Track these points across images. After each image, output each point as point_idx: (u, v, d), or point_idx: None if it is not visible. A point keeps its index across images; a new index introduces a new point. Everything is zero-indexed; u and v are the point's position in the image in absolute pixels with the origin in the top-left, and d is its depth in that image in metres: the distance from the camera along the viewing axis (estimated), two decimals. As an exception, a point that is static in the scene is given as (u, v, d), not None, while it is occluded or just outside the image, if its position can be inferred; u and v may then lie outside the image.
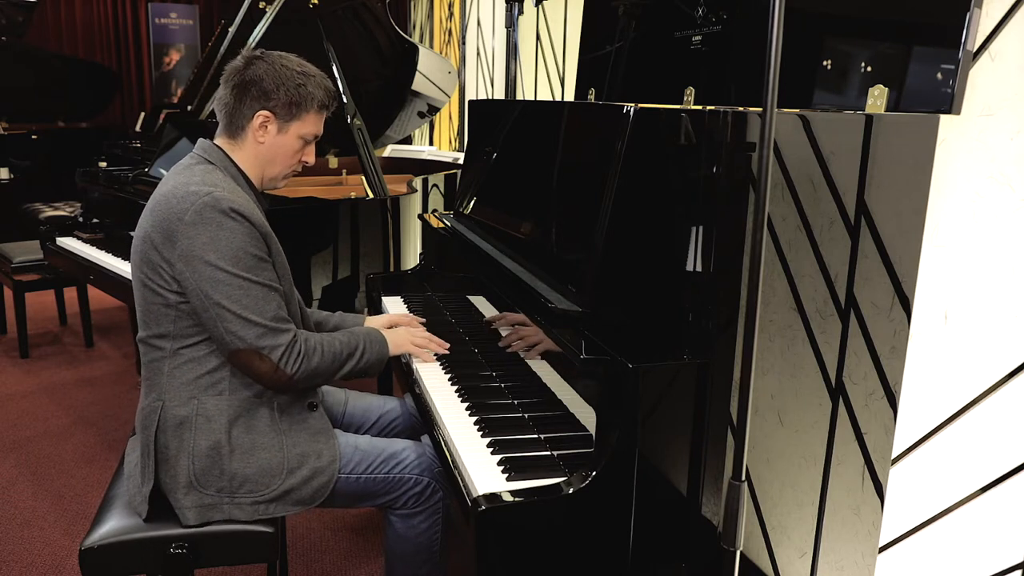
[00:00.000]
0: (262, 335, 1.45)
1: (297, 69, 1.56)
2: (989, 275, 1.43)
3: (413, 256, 2.93)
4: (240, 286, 1.43)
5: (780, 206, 1.21)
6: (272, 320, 1.46)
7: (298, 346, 1.50)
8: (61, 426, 3.19)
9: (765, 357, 1.25)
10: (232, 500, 1.49)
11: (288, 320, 1.51)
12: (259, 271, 1.46)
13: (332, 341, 1.58)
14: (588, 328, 1.29)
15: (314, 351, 1.53)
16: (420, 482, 1.60)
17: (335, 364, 1.57)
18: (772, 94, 1.03)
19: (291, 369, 1.48)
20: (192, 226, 1.42)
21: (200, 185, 1.46)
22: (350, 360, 1.60)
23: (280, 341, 1.47)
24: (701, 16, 1.72)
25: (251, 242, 1.45)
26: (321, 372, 1.55)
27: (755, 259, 1.07)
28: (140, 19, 7.48)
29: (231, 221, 1.43)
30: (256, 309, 1.45)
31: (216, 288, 1.43)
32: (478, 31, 5.11)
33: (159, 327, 1.50)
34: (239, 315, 1.43)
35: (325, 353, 1.55)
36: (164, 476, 1.50)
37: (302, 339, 1.52)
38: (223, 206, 1.43)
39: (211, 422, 1.49)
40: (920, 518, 1.60)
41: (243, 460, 1.50)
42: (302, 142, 1.61)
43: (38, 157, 5.85)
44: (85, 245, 3.27)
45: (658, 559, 1.29)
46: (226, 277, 1.43)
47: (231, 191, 1.48)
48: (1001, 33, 1.37)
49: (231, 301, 1.43)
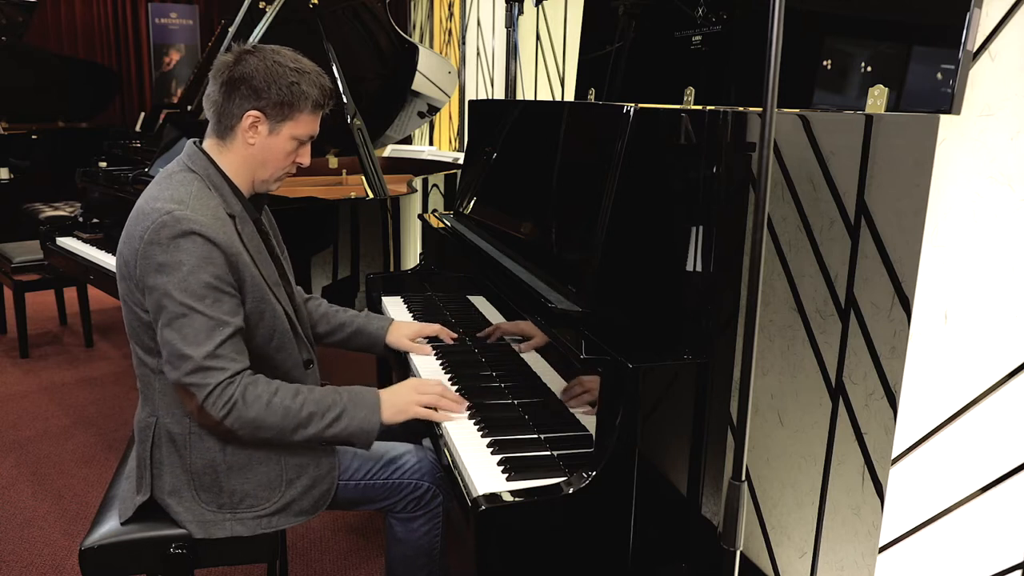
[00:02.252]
0: (192, 371, 1.34)
1: (291, 66, 1.46)
2: (989, 275, 1.43)
3: (413, 256, 2.93)
4: (183, 315, 1.34)
5: (780, 206, 1.21)
6: (205, 358, 1.34)
7: (231, 390, 1.36)
8: (61, 426, 3.19)
9: (765, 357, 1.25)
10: (234, 516, 1.47)
11: (232, 359, 1.37)
12: (209, 302, 1.35)
13: (296, 395, 1.42)
14: (588, 328, 1.29)
15: (255, 400, 1.38)
16: (420, 487, 1.59)
17: (286, 422, 1.40)
18: (772, 94, 1.03)
19: (218, 413, 1.36)
20: (149, 245, 1.35)
21: (166, 201, 1.38)
22: (315, 422, 1.42)
23: (209, 380, 1.35)
24: (701, 16, 1.72)
25: (207, 268, 1.35)
26: (266, 426, 1.40)
27: (755, 259, 1.07)
28: (140, 19, 7.48)
29: (188, 243, 1.34)
30: (193, 342, 1.34)
31: (160, 313, 1.36)
32: (478, 31, 5.11)
33: (142, 342, 1.46)
34: (175, 346, 1.35)
35: (272, 406, 1.39)
36: (162, 489, 1.48)
37: (242, 383, 1.37)
38: (182, 227, 1.34)
39: (204, 440, 1.46)
40: (920, 518, 1.59)
41: (241, 476, 1.47)
42: (296, 143, 1.50)
43: (38, 157, 5.85)
44: (85, 245, 3.27)
45: (658, 559, 1.29)
46: (170, 303, 1.34)
47: (200, 207, 1.39)
48: (1001, 33, 1.37)
49: (171, 330, 1.35)
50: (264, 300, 1.47)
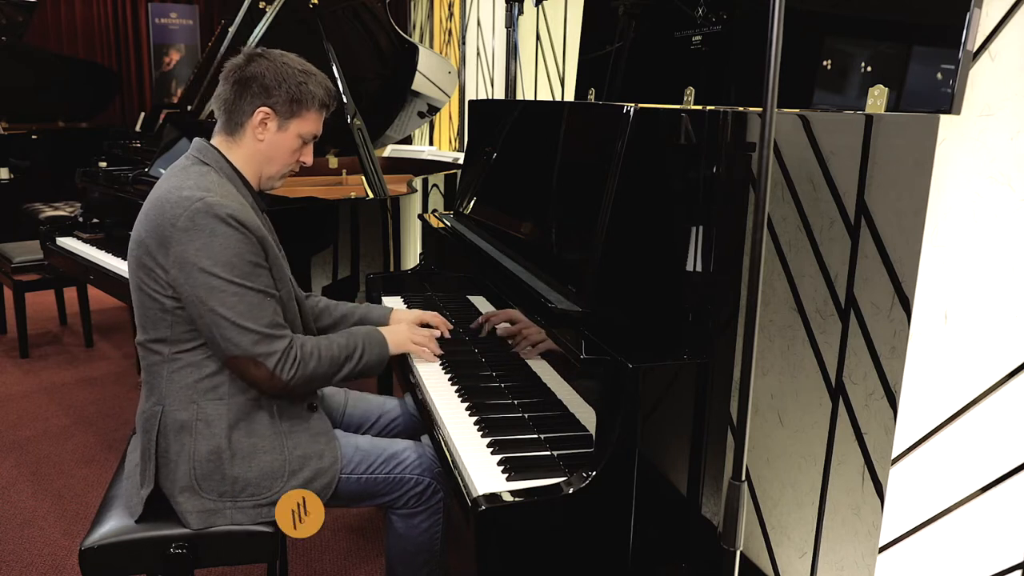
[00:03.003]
0: (257, 342, 1.44)
1: (298, 67, 1.56)
2: (989, 275, 1.43)
3: (413, 256, 2.93)
4: (235, 292, 1.42)
5: (780, 206, 1.21)
6: (267, 327, 1.45)
7: (294, 352, 1.49)
8: (61, 426, 3.19)
9: (765, 357, 1.25)
10: (235, 504, 1.49)
11: (284, 326, 1.50)
12: (254, 277, 1.45)
13: (330, 345, 1.57)
14: (588, 328, 1.29)
15: (311, 356, 1.52)
16: (421, 482, 1.60)
17: (332, 368, 1.56)
18: (772, 94, 1.03)
19: (287, 375, 1.47)
20: (185, 232, 1.41)
21: (194, 190, 1.44)
22: (348, 363, 1.59)
23: (275, 348, 1.46)
24: (701, 16, 1.72)
25: (246, 248, 1.44)
26: (319, 376, 1.54)
27: (755, 259, 1.07)
28: (140, 19, 7.48)
29: (225, 227, 1.42)
30: (251, 316, 1.43)
31: (211, 295, 1.41)
32: (478, 31, 5.11)
33: (156, 331, 1.49)
34: (234, 322, 1.42)
35: (322, 358, 1.54)
36: (165, 480, 1.50)
37: (298, 345, 1.51)
38: (217, 211, 1.41)
39: (211, 427, 1.49)
40: (920, 518, 1.60)
41: (244, 464, 1.49)
42: (301, 141, 1.59)
43: (38, 157, 5.85)
44: (85, 245, 3.27)
45: (658, 559, 1.29)
46: (220, 284, 1.41)
47: (225, 195, 1.46)
48: (1001, 33, 1.37)
49: (226, 308, 1.42)
50: (282, 280, 1.56)
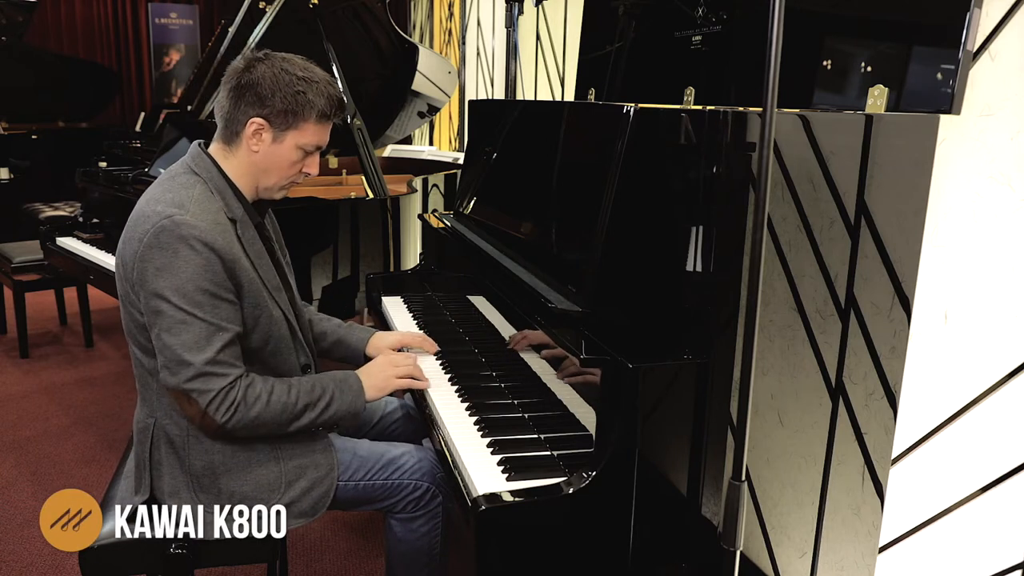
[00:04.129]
0: (193, 377, 1.35)
1: (299, 74, 1.45)
2: (989, 275, 1.43)
3: (413, 256, 2.93)
4: (182, 320, 1.34)
5: (780, 206, 1.21)
6: (208, 363, 1.35)
7: (234, 394, 1.38)
8: (61, 426, 3.18)
9: (765, 357, 1.25)
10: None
11: (232, 363, 1.39)
12: (207, 308, 1.36)
13: (287, 390, 1.45)
14: (588, 328, 1.29)
15: (255, 401, 1.40)
16: (419, 487, 1.58)
17: (285, 416, 1.44)
18: (772, 94, 1.03)
19: (221, 417, 1.37)
20: (149, 249, 1.35)
21: (167, 205, 1.37)
22: (308, 411, 1.47)
23: (211, 386, 1.36)
24: (701, 16, 1.72)
25: (204, 274, 1.35)
26: (266, 423, 1.43)
27: (755, 259, 1.07)
28: (140, 19, 7.49)
29: (187, 250, 1.34)
30: (194, 348, 1.34)
31: (159, 319, 1.35)
32: (478, 31, 5.11)
33: (140, 343, 1.46)
34: (175, 351, 1.35)
35: (271, 404, 1.42)
36: (161, 490, 1.48)
37: (242, 386, 1.39)
38: (182, 232, 1.34)
39: (202, 442, 1.46)
40: (920, 518, 1.59)
41: (239, 478, 1.47)
42: (301, 152, 1.49)
43: (38, 157, 5.85)
44: (85, 245, 3.27)
45: (658, 559, 1.29)
46: (169, 308, 1.34)
47: (200, 212, 1.39)
48: (1001, 33, 1.37)
49: (170, 335, 1.35)
50: (260, 306, 1.47)
